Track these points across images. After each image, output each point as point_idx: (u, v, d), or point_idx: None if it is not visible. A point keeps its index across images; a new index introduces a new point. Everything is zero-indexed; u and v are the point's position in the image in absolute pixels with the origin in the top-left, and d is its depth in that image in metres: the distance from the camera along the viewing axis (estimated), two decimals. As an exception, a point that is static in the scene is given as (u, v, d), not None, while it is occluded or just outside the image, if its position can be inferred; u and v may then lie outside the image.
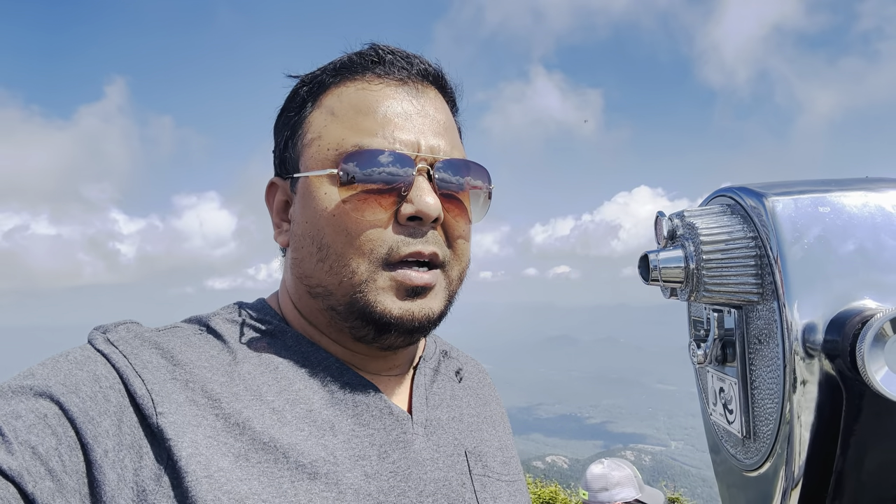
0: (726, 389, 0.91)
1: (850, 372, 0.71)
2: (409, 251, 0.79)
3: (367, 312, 0.79)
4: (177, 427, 0.68)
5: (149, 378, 0.71)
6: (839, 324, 0.72)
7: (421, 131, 0.82)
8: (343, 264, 0.79)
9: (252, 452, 0.70)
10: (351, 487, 0.73)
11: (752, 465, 0.86)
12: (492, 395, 1.07)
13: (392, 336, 0.82)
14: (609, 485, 2.97)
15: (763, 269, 0.80)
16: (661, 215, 0.92)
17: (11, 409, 0.64)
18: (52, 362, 0.71)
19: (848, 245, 0.76)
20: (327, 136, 0.82)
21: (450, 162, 0.83)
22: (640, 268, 0.92)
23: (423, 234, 0.80)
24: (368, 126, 0.81)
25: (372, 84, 0.84)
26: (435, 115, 0.85)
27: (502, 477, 0.92)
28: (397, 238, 0.79)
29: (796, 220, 0.78)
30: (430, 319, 0.82)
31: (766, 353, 0.81)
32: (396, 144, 0.80)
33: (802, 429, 0.76)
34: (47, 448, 0.63)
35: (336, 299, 0.81)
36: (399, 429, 0.82)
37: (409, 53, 0.87)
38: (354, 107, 0.82)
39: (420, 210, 0.79)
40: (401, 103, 0.83)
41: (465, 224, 0.86)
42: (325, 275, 0.80)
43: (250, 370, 0.78)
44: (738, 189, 0.88)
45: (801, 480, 0.77)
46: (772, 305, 0.78)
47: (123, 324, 0.79)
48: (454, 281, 0.86)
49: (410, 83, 0.85)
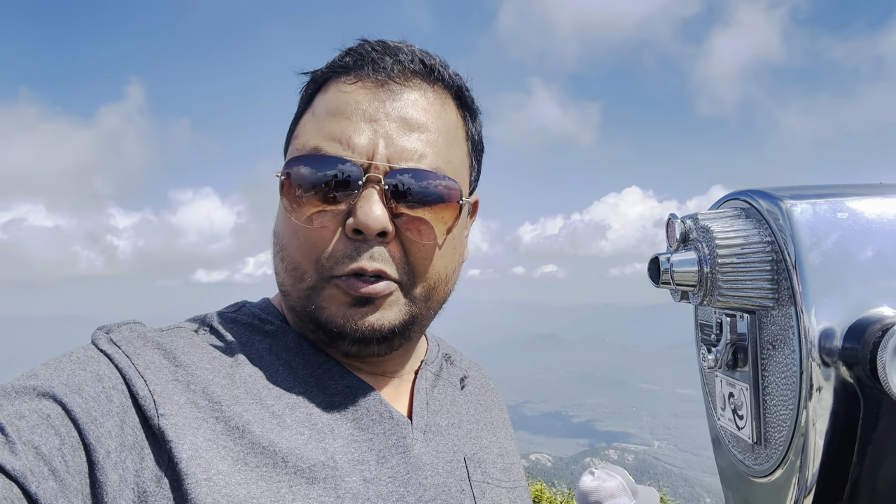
0: (736, 395, 0.90)
1: (869, 380, 0.70)
2: (350, 268, 0.75)
3: (315, 318, 0.78)
4: (178, 429, 0.68)
5: (151, 379, 0.70)
6: (858, 331, 0.72)
7: (385, 135, 0.77)
8: (295, 266, 0.78)
9: (251, 456, 0.70)
10: (349, 492, 0.72)
11: (763, 472, 0.85)
12: (494, 400, 1.06)
13: (346, 344, 0.79)
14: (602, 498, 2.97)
15: (779, 274, 0.79)
16: (673, 217, 0.91)
17: (15, 410, 0.63)
18: (55, 362, 0.70)
19: (866, 251, 0.76)
20: (301, 137, 0.81)
21: (410, 172, 0.76)
22: (650, 270, 0.91)
23: (369, 248, 0.76)
24: (331, 129, 0.77)
25: (348, 84, 0.80)
26: (413, 115, 0.79)
27: (502, 483, 0.91)
28: (342, 251, 0.76)
29: (815, 225, 0.77)
30: (379, 331, 0.78)
31: (780, 358, 0.80)
32: (349, 150, 0.76)
33: (817, 436, 0.76)
34: (50, 448, 0.62)
35: (293, 300, 0.80)
36: (399, 433, 0.81)
37: (396, 47, 0.82)
38: (328, 108, 0.80)
39: (361, 222, 0.74)
40: (369, 105, 0.78)
41: (427, 240, 0.79)
42: (284, 275, 0.80)
43: (251, 372, 0.77)
44: (753, 192, 0.87)
45: (814, 488, 0.77)
46: (788, 311, 0.78)
47: (126, 324, 0.78)
48: (419, 300, 0.81)
49: (394, 83, 0.80)
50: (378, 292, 0.76)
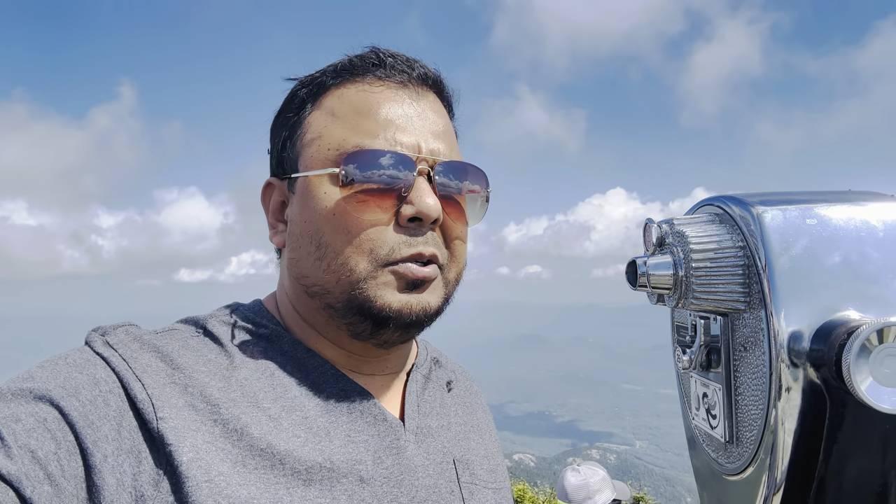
0: (710, 395, 0.92)
1: (834, 381, 0.73)
2: (410, 253, 0.79)
3: (366, 307, 0.79)
4: (177, 432, 0.68)
5: (149, 382, 0.71)
6: (825, 334, 0.74)
7: (421, 134, 0.83)
8: (342, 262, 0.79)
9: (249, 458, 0.71)
10: (345, 493, 0.74)
11: (735, 470, 0.87)
12: (478, 402, 1.08)
13: (389, 331, 0.82)
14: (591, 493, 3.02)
15: (750, 278, 0.82)
16: (650, 222, 0.93)
17: (11, 413, 0.63)
18: (50, 365, 0.70)
19: (834, 257, 0.78)
20: (328, 137, 0.82)
21: (449, 164, 0.84)
22: (628, 273, 0.93)
23: (423, 234, 0.81)
24: (369, 127, 0.81)
25: (373, 86, 0.84)
26: (434, 118, 0.86)
27: (489, 485, 0.93)
28: (398, 239, 0.79)
29: (785, 231, 0.80)
30: (427, 313, 0.82)
31: (751, 360, 0.83)
32: (397, 146, 0.80)
33: (786, 435, 0.78)
34: (46, 452, 0.62)
35: (334, 297, 0.80)
36: (392, 435, 0.83)
37: (409, 58, 0.87)
38: (355, 108, 0.82)
39: (420, 211, 0.79)
40: (401, 106, 0.83)
41: (462, 226, 0.87)
42: (322, 273, 0.80)
43: (247, 375, 0.78)
44: (726, 198, 0.90)
45: (783, 485, 0.79)
46: (759, 314, 0.80)
47: (122, 326, 0.78)
48: (451, 282, 0.87)
49: (410, 86, 0.86)
50: (430, 276, 0.81)
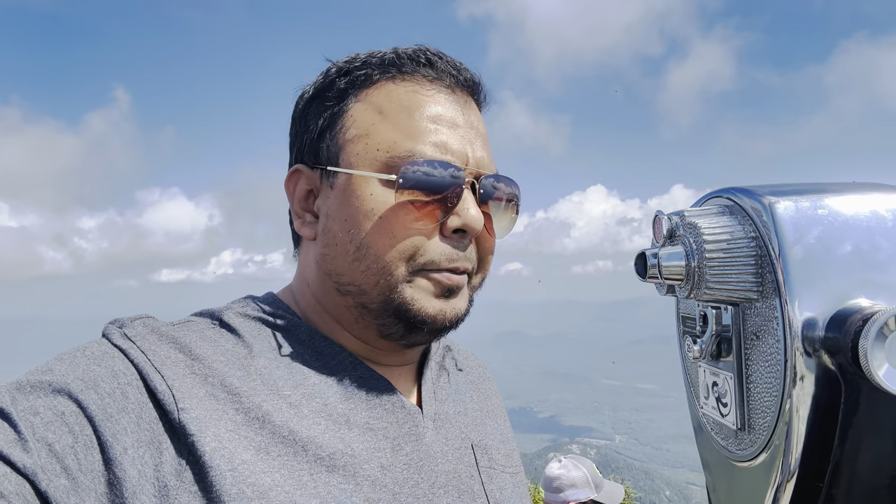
0: (720, 383, 0.94)
1: (850, 367, 0.74)
2: (450, 266, 0.80)
3: (401, 311, 0.79)
4: (199, 422, 0.68)
5: (168, 374, 0.70)
6: (840, 321, 0.76)
7: (469, 142, 0.83)
8: (381, 266, 0.78)
9: (272, 446, 0.71)
10: (368, 479, 0.74)
11: (747, 457, 0.89)
12: (492, 389, 1.09)
13: (421, 334, 0.83)
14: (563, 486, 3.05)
15: (763, 268, 0.83)
16: (660, 214, 0.94)
17: (29, 405, 0.63)
18: (69, 357, 0.69)
19: (845, 246, 0.80)
20: (376, 136, 0.80)
21: (495, 177, 0.85)
22: (637, 265, 0.94)
23: (465, 248, 0.82)
24: (420, 132, 0.80)
25: (423, 87, 0.83)
26: (479, 126, 0.86)
27: (506, 469, 0.94)
28: (441, 250, 0.80)
29: (797, 221, 0.81)
30: (458, 318, 0.84)
31: (763, 348, 0.84)
32: (448, 154, 0.80)
33: (800, 422, 0.79)
34: (63, 446, 0.62)
35: (370, 298, 0.80)
36: (411, 422, 0.83)
37: (455, 60, 0.86)
38: (406, 109, 0.81)
39: (467, 224, 0.80)
40: (452, 112, 0.83)
41: (495, 239, 0.88)
42: (360, 274, 0.80)
43: (266, 364, 0.78)
44: (735, 190, 0.91)
45: (797, 471, 0.81)
46: (772, 303, 0.81)
47: (139, 318, 0.78)
48: (475, 287, 0.89)
49: (458, 92, 0.85)
50: (462, 284, 0.83)
